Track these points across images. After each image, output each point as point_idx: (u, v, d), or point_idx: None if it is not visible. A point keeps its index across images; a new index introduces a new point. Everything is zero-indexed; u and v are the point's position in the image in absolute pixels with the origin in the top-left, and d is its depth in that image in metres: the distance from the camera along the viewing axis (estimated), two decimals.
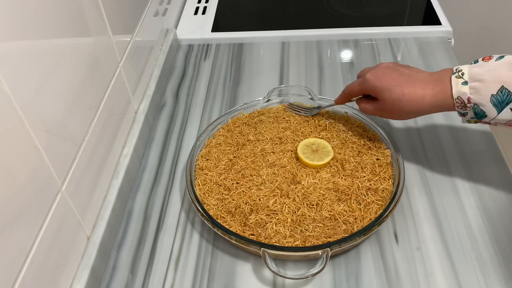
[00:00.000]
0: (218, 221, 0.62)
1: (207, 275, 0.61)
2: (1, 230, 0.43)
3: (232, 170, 0.69)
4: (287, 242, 0.60)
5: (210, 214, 0.63)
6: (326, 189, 0.65)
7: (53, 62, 0.53)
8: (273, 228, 0.61)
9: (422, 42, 0.99)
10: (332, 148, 0.70)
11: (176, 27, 1.09)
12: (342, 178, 0.67)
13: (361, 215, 0.62)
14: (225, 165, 0.70)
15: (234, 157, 0.71)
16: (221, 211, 0.64)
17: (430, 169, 0.72)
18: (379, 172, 0.67)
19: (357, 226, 0.61)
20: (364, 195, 0.64)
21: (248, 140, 0.74)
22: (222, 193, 0.66)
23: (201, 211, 0.62)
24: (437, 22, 1.02)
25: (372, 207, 0.63)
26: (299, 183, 0.66)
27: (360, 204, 0.63)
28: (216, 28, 1.07)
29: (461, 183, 0.69)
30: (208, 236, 0.66)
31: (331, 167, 0.68)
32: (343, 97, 0.71)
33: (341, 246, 0.57)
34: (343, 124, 0.75)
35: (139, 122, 0.78)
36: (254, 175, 0.68)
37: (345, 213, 0.62)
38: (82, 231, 0.59)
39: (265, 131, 0.75)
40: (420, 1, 1.12)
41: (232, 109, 0.80)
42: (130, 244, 0.65)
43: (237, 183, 0.67)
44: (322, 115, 0.77)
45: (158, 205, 0.70)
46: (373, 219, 0.61)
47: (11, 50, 0.45)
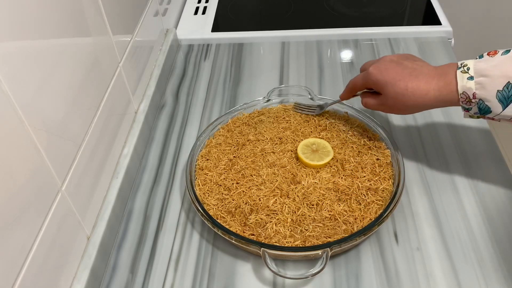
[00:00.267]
0: (218, 221, 0.62)
1: (207, 275, 0.61)
2: (1, 230, 0.43)
3: (232, 170, 0.69)
4: (287, 242, 0.60)
5: (210, 214, 0.63)
6: (326, 189, 0.65)
7: (53, 62, 0.53)
8: (273, 228, 0.61)
9: (422, 42, 0.99)
10: (332, 148, 0.70)
11: (176, 27, 1.09)
12: (342, 178, 0.67)
13: (361, 215, 0.62)
14: (225, 165, 0.70)
15: (234, 157, 0.71)
16: (221, 211, 0.64)
17: (430, 169, 0.72)
18: (379, 172, 0.67)
19: (357, 226, 0.61)
20: (364, 195, 0.64)
21: (248, 140, 0.74)
22: (222, 193, 0.66)
23: (201, 211, 0.62)
24: (437, 22, 1.02)
25: (372, 207, 0.63)
26: (299, 183, 0.66)
27: (360, 204, 0.63)
28: (216, 28, 1.07)
29: (461, 183, 0.69)
30: (208, 236, 0.66)
31: (331, 167, 0.68)
32: (348, 92, 0.70)
33: (341, 246, 0.57)
34: (343, 124, 0.75)
35: (139, 122, 0.78)
36: (254, 175, 0.68)
37: (345, 213, 0.62)
38: (82, 231, 0.59)
39: (265, 131, 0.75)
40: (420, 1, 1.12)
41: (232, 109, 0.80)
42: (130, 244, 0.65)
43: (237, 183, 0.67)
44: (323, 115, 0.77)
45: (158, 205, 0.70)
46: (373, 219, 0.61)
47: (11, 50, 0.45)
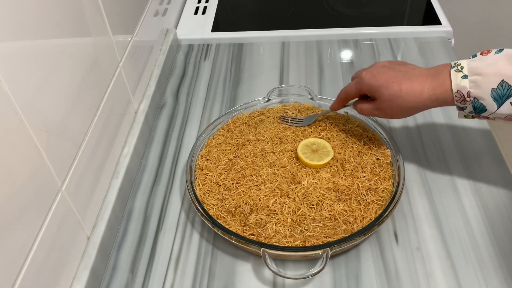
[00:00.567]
0: (218, 221, 0.62)
1: (207, 275, 0.61)
2: (1, 230, 0.43)
3: (232, 170, 0.69)
4: (287, 242, 0.60)
5: (210, 214, 0.63)
6: (326, 189, 0.65)
7: (53, 62, 0.53)
8: (273, 228, 0.61)
9: (422, 42, 0.99)
10: (332, 148, 0.70)
11: (176, 27, 1.09)
12: (342, 178, 0.67)
13: (361, 215, 0.62)
14: (225, 165, 0.70)
15: (234, 157, 0.71)
16: (221, 211, 0.64)
17: (430, 169, 0.72)
18: (379, 172, 0.67)
19: (357, 226, 0.61)
20: (364, 195, 0.64)
21: (248, 140, 0.74)
22: (222, 193, 0.66)
23: (201, 211, 0.62)
24: (437, 22, 1.02)
25: (372, 207, 0.63)
26: (299, 183, 0.66)
27: (360, 204, 0.63)
28: (216, 28, 1.07)
29: (461, 183, 0.69)
30: (208, 236, 0.66)
31: (331, 167, 0.68)
32: (339, 101, 0.70)
33: (341, 246, 0.57)
34: (343, 124, 0.75)
35: (139, 122, 0.78)
36: (254, 175, 0.68)
37: (345, 213, 0.62)
38: (82, 231, 0.59)
39: (265, 131, 0.75)
40: (420, 1, 1.12)
41: (232, 109, 0.80)
42: (130, 244, 0.65)
43: (237, 183, 0.67)
44: (322, 115, 0.77)
45: (158, 205, 0.70)
46: (373, 219, 0.61)
47: (11, 50, 0.45)
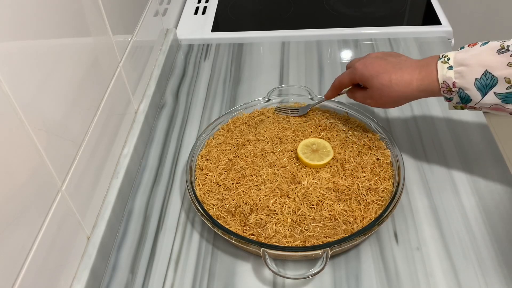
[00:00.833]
0: (218, 221, 0.62)
1: (207, 275, 0.61)
2: (1, 230, 0.43)
3: (232, 170, 0.69)
4: (287, 242, 0.60)
5: (210, 214, 0.63)
6: (326, 189, 0.65)
7: (53, 62, 0.52)
8: (273, 228, 0.61)
9: (422, 42, 0.99)
10: (332, 148, 0.70)
11: (176, 27, 1.09)
12: (342, 178, 0.67)
13: (361, 215, 0.62)
14: (225, 165, 0.70)
15: (234, 157, 0.71)
16: (221, 211, 0.64)
17: (430, 169, 0.72)
18: (379, 172, 0.67)
19: (357, 226, 0.61)
20: (364, 195, 0.64)
21: (248, 140, 0.74)
22: (222, 193, 0.66)
23: (201, 211, 0.62)
24: (437, 22, 1.02)
25: (372, 207, 0.63)
26: (299, 183, 0.66)
27: (360, 204, 0.63)
28: (216, 28, 1.07)
29: (461, 183, 0.69)
30: (208, 236, 0.66)
31: (331, 167, 0.68)
32: (333, 90, 0.72)
33: (341, 246, 0.57)
34: (343, 124, 0.75)
35: (139, 122, 0.78)
36: (254, 175, 0.68)
37: (345, 213, 0.62)
38: (82, 231, 0.59)
39: (265, 131, 0.75)
40: (420, 1, 1.12)
41: (232, 109, 0.80)
42: (130, 244, 0.65)
43: (237, 183, 0.67)
44: (323, 115, 0.77)
45: (158, 205, 0.70)
46: (373, 219, 0.61)
47: (11, 50, 0.45)
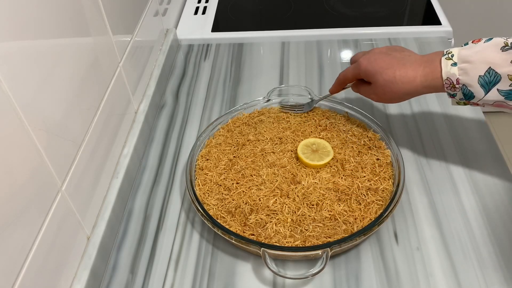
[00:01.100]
0: (218, 221, 0.62)
1: (207, 275, 0.61)
2: (1, 230, 0.43)
3: (232, 170, 0.69)
4: (287, 242, 0.59)
5: (210, 214, 0.63)
6: (326, 189, 0.65)
7: (53, 62, 0.52)
8: (273, 228, 0.61)
9: (422, 42, 0.99)
10: (332, 148, 0.70)
11: (176, 27, 1.08)
12: (342, 178, 0.67)
13: (361, 215, 0.62)
14: (225, 165, 0.70)
15: (234, 157, 0.71)
16: (221, 211, 0.64)
17: (430, 169, 0.72)
18: (379, 172, 0.67)
19: (357, 226, 0.61)
20: (364, 195, 0.64)
21: (248, 140, 0.74)
22: (222, 193, 0.66)
23: (201, 211, 0.62)
24: (437, 22, 1.02)
25: (372, 207, 0.63)
26: (299, 183, 0.66)
27: (360, 204, 0.63)
28: (216, 28, 1.07)
29: (461, 183, 0.69)
30: (208, 236, 0.66)
31: (331, 167, 0.68)
32: (338, 84, 0.72)
33: (341, 246, 0.57)
34: (343, 124, 0.75)
35: (139, 122, 0.78)
36: (254, 175, 0.68)
37: (345, 213, 0.62)
38: (82, 231, 0.59)
39: (265, 131, 0.75)
40: (420, 1, 1.12)
41: (232, 109, 0.80)
42: (130, 244, 0.65)
43: (237, 183, 0.67)
44: (323, 114, 0.77)
45: (158, 205, 0.70)
46: (373, 219, 0.61)
47: (11, 50, 0.45)
